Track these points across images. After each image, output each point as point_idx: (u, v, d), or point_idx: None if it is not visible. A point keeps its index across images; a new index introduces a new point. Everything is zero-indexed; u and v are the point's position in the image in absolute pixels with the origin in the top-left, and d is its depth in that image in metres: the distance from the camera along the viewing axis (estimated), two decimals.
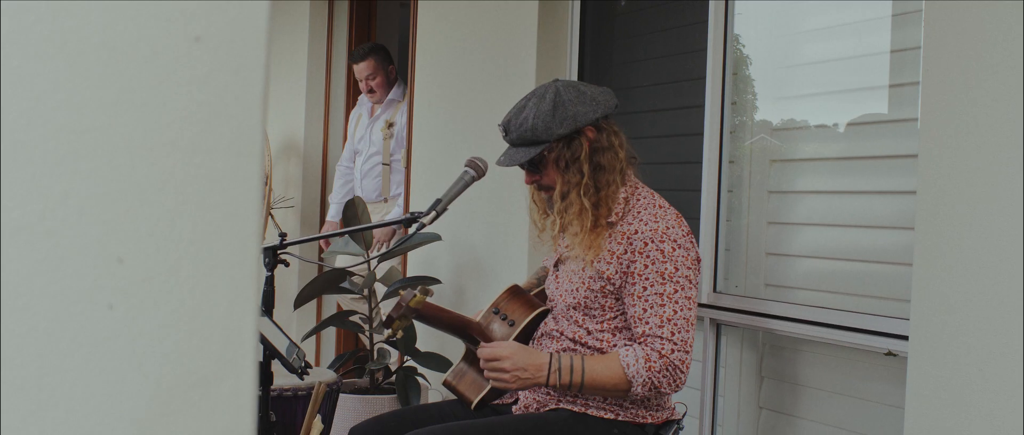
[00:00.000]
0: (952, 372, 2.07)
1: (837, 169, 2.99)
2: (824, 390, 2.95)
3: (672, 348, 2.45)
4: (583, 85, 2.63)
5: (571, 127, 2.55)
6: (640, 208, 2.58)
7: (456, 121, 4.61)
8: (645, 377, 2.44)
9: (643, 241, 2.51)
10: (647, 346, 2.46)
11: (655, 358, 2.44)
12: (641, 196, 2.62)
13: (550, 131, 2.54)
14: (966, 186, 2.05)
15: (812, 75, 3.11)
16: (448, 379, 2.82)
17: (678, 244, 2.51)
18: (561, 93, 2.57)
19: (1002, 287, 1.96)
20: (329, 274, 4.39)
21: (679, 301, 2.48)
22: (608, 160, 2.59)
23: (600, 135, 2.60)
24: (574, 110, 2.54)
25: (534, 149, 2.58)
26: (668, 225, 2.53)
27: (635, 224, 2.54)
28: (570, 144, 2.57)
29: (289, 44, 6.82)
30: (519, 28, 4.09)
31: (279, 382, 3.55)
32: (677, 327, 2.46)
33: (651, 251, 2.49)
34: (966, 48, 2.07)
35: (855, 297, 2.83)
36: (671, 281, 2.48)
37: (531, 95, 2.61)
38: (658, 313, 2.47)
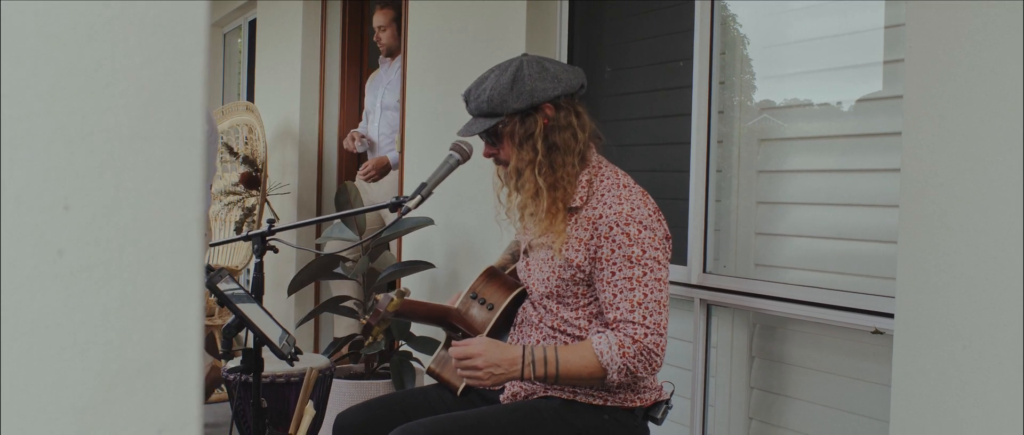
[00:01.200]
0: (937, 349, 2.07)
1: (826, 148, 2.98)
2: (814, 369, 2.95)
3: (644, 332, 2.41)
4: (550, 62, 2.60)
5: (527, 102, 2.52)
6: (603, 190, 2.54)
7: (447, 106, 4.60)
8: (620, 364, 2.42)
9: (608, 225, 2.47)
10: (620, 332, 2.43)
11: (628, 343, 2.41)
12: (605, 177, 2.58)
13: (506, 104, 2.53)
14: (950, 163, 2.05)
15: (802, 53, 3.09)
16: (432, 367, 2.82)
17: (644, 225, 2.46)
18: (523, 68, 2.55)
19: (986, 264, 1.96)
20: (322, 260, 4.39)
21: (648, 284, 2.44)
22: (563, 140, 2.55)
23: (558, 113, 2.56)
24: (532, 85, 2.52)
25: (489, 121, 2.57)
26: (633, 206, 2.48)
27: (599, 208, 2.51)
28: (525, 120, 2.55)
29: (283, 30, 6.81)
30: (509, 11, 4.07)
31: (271, 368, 3.56)
32: (648, 310, 2.43)
33: (617, 235, 2.45)
34: (949, 25, 2.06)
35: (845, 276, 2.83)
36: (639, 264, 2.44)
37: (495, 67, 2.60)
38: (628, 297, 2.44)
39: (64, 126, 0.75)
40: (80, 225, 0.76)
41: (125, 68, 0.76)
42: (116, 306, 0.76)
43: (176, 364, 0.79)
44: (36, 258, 0.74)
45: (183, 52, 0.78)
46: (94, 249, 0.76)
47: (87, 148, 0.75)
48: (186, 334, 0.79)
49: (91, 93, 0.76)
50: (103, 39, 0.76)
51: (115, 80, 0.76)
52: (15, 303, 0.74)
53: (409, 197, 2.67)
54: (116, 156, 0.76)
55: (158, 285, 0.78)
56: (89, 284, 0.76)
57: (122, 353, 0.77)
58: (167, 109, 0.78)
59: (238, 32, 8.72)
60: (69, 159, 0.75)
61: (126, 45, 0.76)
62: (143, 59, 0.77)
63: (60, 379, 0.75)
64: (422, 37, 4.89)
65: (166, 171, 0.78)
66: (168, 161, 0.78)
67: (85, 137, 0.75)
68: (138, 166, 0.77)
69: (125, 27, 0.76)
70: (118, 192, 0.76)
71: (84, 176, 0.75)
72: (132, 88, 0.77)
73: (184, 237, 0.78)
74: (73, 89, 0.75)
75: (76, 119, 0.75)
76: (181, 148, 0.78)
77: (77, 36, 0.75)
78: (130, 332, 0.77)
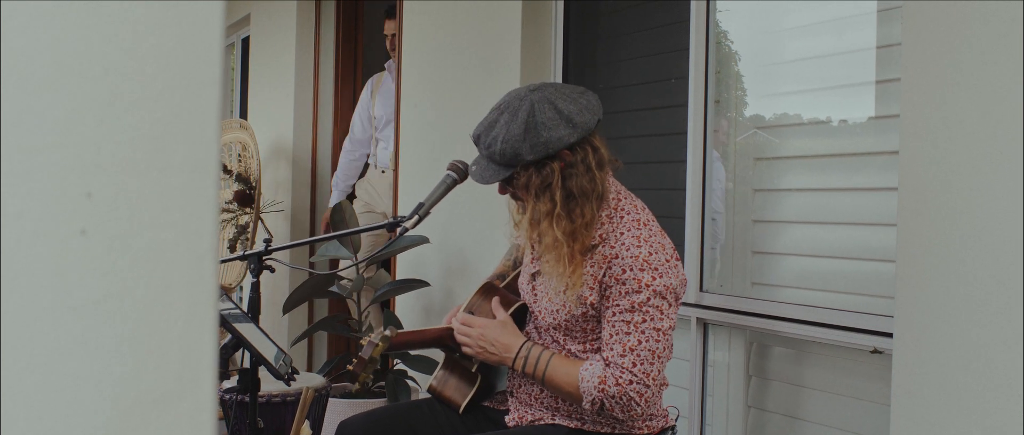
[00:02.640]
0: (936, 369, 2.07)
1: (822, 166, 2.99)
2: (812, 388, 2.95)
3: (630, 379, 2.38)
4: (563, 99, 2.44)
5: (542, 153, 2.40)
6: (623, 229, 2.46)
7: (441, 122, 4.61)
8: (595, 396, 2.40)
9: (621, 267, 2.40)
10: (609, 370, 2.40)
11: (611, 383, 2.38)
12: (624, 212, 2.49)
13: (519, 156, 2.41)
14: (947, 182, 2.05)
15: (797, 72, 3.10)
16: (433, 385, 2.81)
17: (657, 272, 2.40)
18: (535, 113, 2.40)
19: (985, 283, 1.96)
20: (317, 278, 4.39)
21: (646, 332, 2.39)
22: (580, 186, 2.43)
23: (575, 157, 2.43)
24: (547, 135, 2.39)
25: (504, 171, 2.45)
26: (651, 250, 2.41)
27: (617, 247, 2.43)
28: (540, 170, 2.43)
29: (277, 48, 6.82)
30: (503, 28, 4.08)
31: (267, 388, 3.55)
32: (639, 358, 2.38)
33: (627, 278, 2.39)
34: (946, 43, 2.07)
35: (842, 295, 2.83)
36: (640, 311, 2.39)
37: (504, 107, 2.45)
38: (622, 341, 2.40)
39: (79, 157, 0.75)
40: (95, 255, 0.76)
41: (140, 100, 0.76)
42: (131, 337, 0.76)
43: (191, 394, 0.79)
44: (52, 288, 0.74)
45: (197, 84, 0.78)
46: (109, 280, 0.76)
47: (103, 179, 0.75)
48: (201, 364, 0.79)
49: (107, 124, 0.76)
50: (119, 71, 0.76)
51: (130, 111, 0.76)
52: (31, 333, 0.74)
53: (407, 217, 2.66)
54: (131, 187, 0.76)
55: (173, 316, 0.78)
56: (104, 315, 0.76)
57: (137, 384, 0.77)
58: (182, 140, 0.78)
59: (231, 49, 8.73)
60: (84, 190, 0.75)
61: (141, 77, 0.76)
62: (158, 91, 0.77)
63: (76, 410, 0.75)
64: (416, 55, 4.89)
65: (181, 202, 0.78)
66: (183, 192, 0.78)
67: (101, 168, 0.76)
68: (153, 197, 0.77)
69: (140, 59, 0.76)
70: (133, 223, 0.76)
71: (99, 206, 0.75)
72: (147, 120, 0.77)
73: (198, 268, 0.78)
74: (89, 121, 0.75)
75: (91, 150, 0.75)
76: (195, 179, 0.78)
77: (93, 68, 0.75)
78: (145, 363, 0.77)
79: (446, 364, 2.78)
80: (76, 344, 0.75)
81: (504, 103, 2.47)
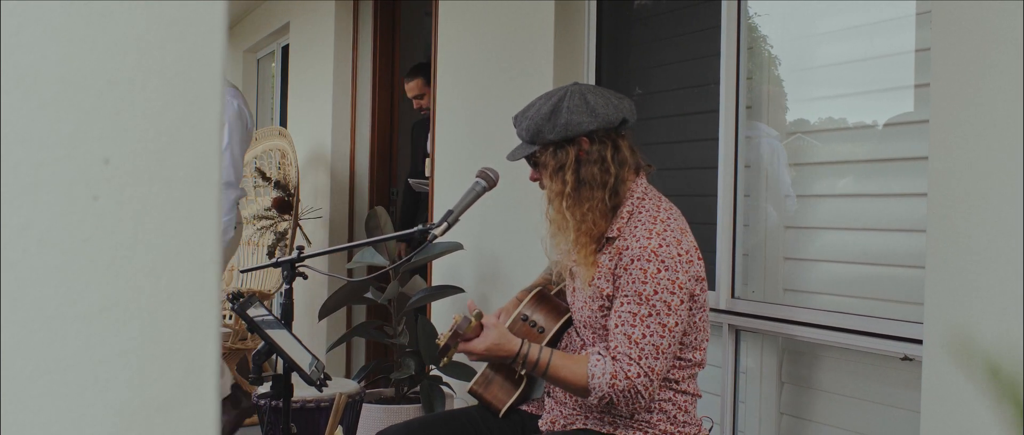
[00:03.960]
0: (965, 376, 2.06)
1: (854, 172, 2.97)
2: (843, 395, 2.93)
3: (638, 373, 2.40)
4: (595, 94, 2.58)
5: (562, 135, 2.53)
6: (638, 222, 2.51)
7: (476, 127, 4.63)
8: (606, 392, 2.41)
9: (630, 258, 2.45)
10: (618, 363, 2.41)
11: (621, 378, 2.40)
12: (644, 209, 2.55)
13: (541, 134, 2.56)
14: (976, 188, 2.04)
15: (832, 76, 3.09)
16: (474, 387, 2.82)
17: (665, 266, 2.42)
18: (565, 99, 2.55)
19: (1014, 289, 1.94)
20: (353, 284, 4.42)
21: (650, 325, 2.41)
22: (592, 174, 2.54)
23: (593, 147, 2.55)
24: (568, 119, 2.52)
25: (530, 148, 2.60)
26: (661, 242, 2.44)
27: (629, 240, 2.49)
28: (557, 152, 2.56)
29: (315, 56, 6.87)
30: (536, 36, 4.10)
31: (301, 394, 3.58)
32: (644, 352, 2.40)
33: (635, 269, 2.43)
34: (975, 48, 2.06)
35: (874, 301, 2.81)
36: (646, 303, 2.41)
37: (546, 94, 2.62)
38: (626, 332, 2.42)
39: (84, 168, 0.77)
40: (100, 264, 0.77)
41: (144, 113, 0.78)
42: (135, 346, 0.78)
43: (194, 402, 0.80)
44: (57, 296, 0.76)
45: (200, 97, 0.80)
46: (113, 288, 0.78)
47: (107, 189, 0.77)
48: (203, 372, 0.80)
49: (111, 136, 0.77)
50: (123, 84, 0.77)
51: (134, 124, 0.78)
52: (36, 341, 0.76)
53: (436, 225, 2.68)
54: (135, 197, 0.78)
55: (176, 324, 0.79)
56: (108, 323, 0.78)
57: (141, 392, 0.78)
58: (185, 152, 0.79)
59: (271, 57, 8.81)
60: (90, 201, 0.77)
61: (145, 90, 0.78)
62: (162, 104, 0.79)
63: (80, 418, 0.76)
64: (450, 62, 4.92)
65: (184, 212, 0.79)
66: (185, 203, 0.79)
67: (105, 178, 0.77)
68: (156, 207, 0.79)
69: (144, 73, 0.78)
70: (137, 233, 0.78)
71: (103, 216, 0.77)
72: (151, 132, 0.78)
73: (201, 277, 0.80)
74: (94, 133, 0.77)
75: (96, 161, 0.77)
76: (198, 190, 0.80)
77: (98, 82, 0.77)
78: (149, 371, 0.79)
79: (491, 365, 2.80)
80: (80, 352, 0.76)
81: (547, 92, 2.65)
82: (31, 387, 0.75)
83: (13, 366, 0.75)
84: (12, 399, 0.75)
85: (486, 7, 4.56)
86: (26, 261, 0.75)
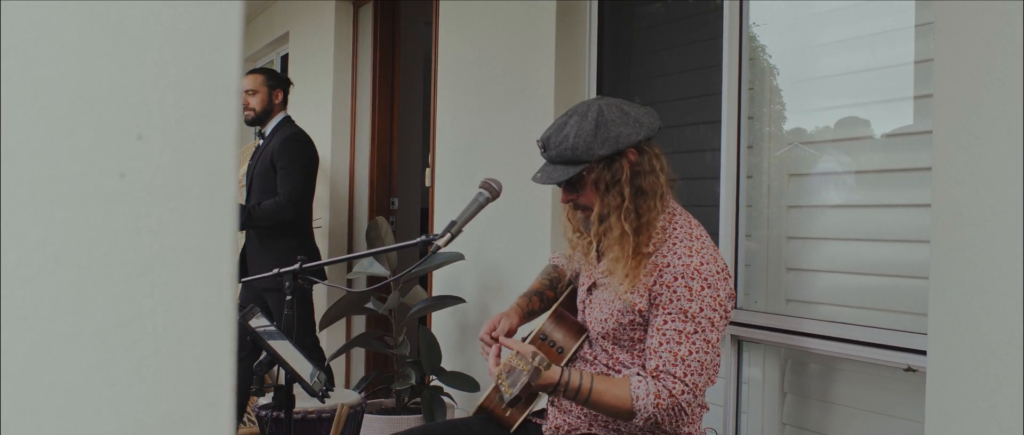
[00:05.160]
0: (970, 387, 2.05)
1: (857, 183, 2.97)
2: (846, 406, 2.93)
3: (683, 389, 2.39)
4: (627, 104, 2.55)
5: (613, 148, 2.47)
6: (676, 239, 2.49)
7: (476, 139, 4.62)
8: (651, 413, 2.40)
9: (673, 275, 2.43)
10: (660, 382, 2.41)
11: (665, 396, 2.39)
12: (678, 225, 2.53)
13: (591, 151, 2.47)
14: (980, 198, 2.04)
15: (832, 87, 3.09)
16: (486, 404, 2.81)
17: (708, 283, 2.42)
18: (604, 112, 2.49)
19: (1018, 300, 1.94)
20: (353, 295, 4.41)
21: (696, 342, 2.40)
22: (649, 184, 2.50)
23: (642, 158, 2.51)
24: (617, 131, 2.47)
25: (573, 168, 2.50)
26: (702, 260, 2.44)
27: (668, 256, 2.46)
28: (611, 165, 2.49)
29: (314, 66, 6.87)
30: (537, 46, 4.10)
31: (302, 405, 3.57)
32: (690, 369, 2.40)
33: (678, 287, 2.42)
34: (978, 58, 2.06)
35: (877, 312, 2.81)
36: (692, 320, 2.40)
37: (573, 112, 2.54)
38: (673, 350, 2.41)
39: (99, 185, 0.76)
40: (115, 280, 0.77)
41: (159, 128, 0.78)
42: (150, 362, 0.78)
43: (209, 419, 0.80)
44: (72, 313, 0.76)
45: (216, 112, 0.80)
46: (128, 305, 0.77)
47: (123, 205, 0.77)
48: (219, 389, 0.80)
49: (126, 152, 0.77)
50: (138, 100, 0.77)
51: (149, 139, 0.78)
52: (51, 357, 0.76)
53: (439, 235, 2.67)
54: (151, 213, 0.78)
55: (191, 341, 0.79)
56: (123, 340, 0.77)
57: (156, 409, 0.78)
58: (200, 168, 0.79)
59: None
60: (104, 217, 0.77)
61: (161, 105, 0.78)
62: (177, 119, 0.78)
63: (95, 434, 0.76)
64: (450, 72, 4.92)
65: (199, 228, 0.79)
66: (201, 218, 0.79)
67: (121, 194, 0.77)
68: (172, 223, 0.78)
69: (160, 88, 0.78)
70: (152, 249, 0.78)
71: (119, 234, 0.77)
72: (167, 147, 0.78)
73: (217, 293, 0.80)
74: (109, 148, 0.77)
75: (111, 177, 0.77)
76: (214, 206, 0.79)
77: (114, 97, 0.76)
78: (164, 387, 0.78)
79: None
80: (95, 369, 0.76)
81: (571, 110, 2.56)
82: (46, 404, 0.75)
83: (28, 382, 0.75)
84: (26, 416, 0.75)
85: (486, 16, 4.56)
86: (41, 277, 0.75)
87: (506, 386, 2.53)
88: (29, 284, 0.74)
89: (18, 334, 0.74)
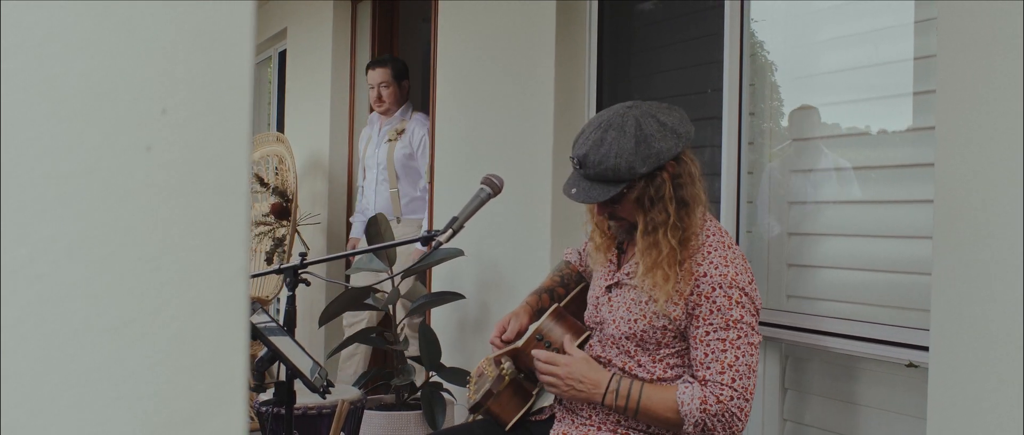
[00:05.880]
0: (973, 383, 2.05)
1: (858, 178, 2.97)
2: (848, 402, 2.93)
3: (731, 394, 2.40)
4: (662, 113, 2.48)
5: (655, 165, 2.43)
6: (710, 248, 2.49)
7: (476, 133, 4.62)
8: (698, 418, 2.40)
9: (711, 285, 2.43)
10: (707, 389, 2.42)
11: (712, 401, 2.40)
12: (710, 233, 2.53)
13: (633, 170, 2.42)
14: (984, 194, 2.04)
15: (832, 83, 3.09)
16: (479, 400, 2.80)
17: (744, 292, 2.44)
18: (643, 126, 2.43)
19: (1021, 295, 1.94)
20: (353, 291, 4.41)
21: (741, 347, 2.42)
22: (691, 195, 2.48)
23: (680, 167, 2.48)
24: (658, 147, 2.42)
25: (614, 188, 2.45)
26: (737, 271, 2.45)
27: (705, 266, 2.46)
28: (652, 181, 2.45)
29: (313, 61, 6.87)
30: (537, 42, 4.10)
31: (303, 401, 3.57)
32: (738, 373, 2.41)
33: (718, 297, 2.42)
34: (982, 54, 2.06)
35: (878, 308, 2.81)
36: (734, 328, 2.42)
37: (608, 125, 2.45)
38: (720, 359, 2.42)
39: (110, 182, 0.76)
40: (128, 276, 0.77)
41: (171, 124, 0.78)
42: (162, 359, 0.78)
43: (222, 414, 0.80)
44: (85, 309, 0.75)
45: (228, 108, 0.79)
46: (140, 302, 0.77)
47: (135, 201, 0.77)
48: (231, 385, 0.80)
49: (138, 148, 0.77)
50: (150, 97, 0.77)
51: (162, 135, 0.78)
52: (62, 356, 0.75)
53: (441, 231, 2.68)
54: (162, 210, 0.78)
55: (204, 336, 0.79)
56: (135, 337, 0.77)
57: (168, 405, 0.78)
58: (212, 164, 0.79)
59: (268, 63, 8.80)
60: (116, 214, 0.76)
61: (173, 101, 0.78)
62: (188, 115, 0.78)
63: (108, 430, 0.76)
64: (449, 68, 4.91)
65: (211, 225, 0.79)
66: (213, 215, 0.79)
67: (133, 191, 0.77)
68: (184, 220, 0.78)
69: (172, 84, 0.78)
70: (164, 246, 0.78)
71: (131, 230, 0.77)
72: (178, 144, 0.78)
73: (229, 290, 0.80)
74: (122, 144, 0.77)
75: (123, 174, 0.77)
76: (226, 202, 0.79)
77: (125, 94, 0.76)
78: (176, 383, 0.78)
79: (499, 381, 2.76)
80: (107, 365, 0.76)
81: (606, 121, 2.47)
82: (58, 401, 0.75)
83: (40, 380, 0.75)
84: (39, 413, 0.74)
85: (486, 13, 4.56)
86: (53, 274, 0.75)
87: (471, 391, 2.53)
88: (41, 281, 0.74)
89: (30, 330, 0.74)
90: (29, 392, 0.74)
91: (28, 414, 0.74)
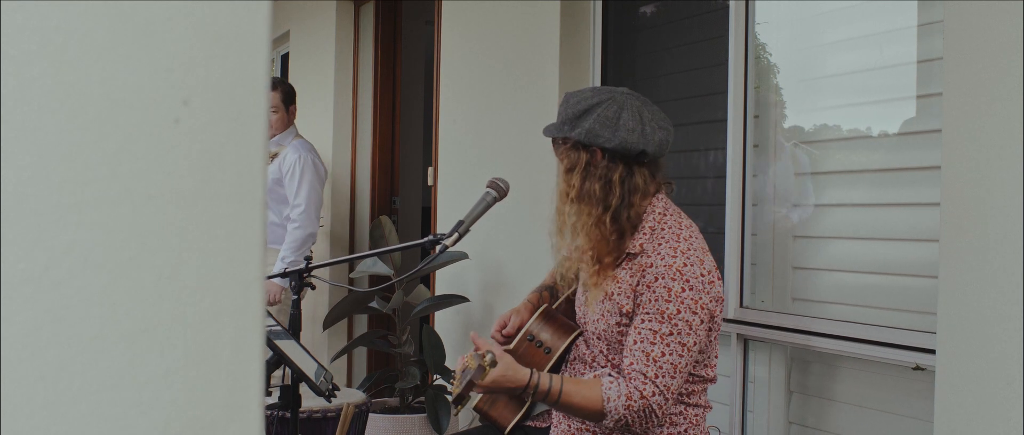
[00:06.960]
0: (980, 386, 2.05)
1: (863, 181, 2.97)
2: (853, 405, 2.93)
3: (653, 391, 2.37)
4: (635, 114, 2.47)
5: (579, 137, 2.46)
6: (661, 239, 2.47)
7: (479, 136, 4.62)
8: (621, 414, 2.38)
9: (654, 275, 2.41)
10: (631, 383, 2.39)
11: (636, 397, 2.37)
12: (667, 225, 2.50)
13: (562, 128, 2.51)
14: (990, 196, 2.03)
15: (837, 86, 3.09)
16: (480, 405, 2.80)
17: (689, 285, 2.39)
18: (604, 105, 2.46)
19: None
20: (357, 295, 4.41)
21: (671, 345, 2.38)
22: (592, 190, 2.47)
23: (602, 162, 2.48)
24: (590, 125, 2.45)
25: (558, 129, 2.53)
26: (686, 262, 2.41)
27: (652, 257, 2.44)
28: (571, 152, 2.51)
29: (315, 65, 6.87)
30: (541, 45, 4.10)
31: (308, 404, 3.57)
32: (661, 371, 2.37)
33: (658, 287, 2.39)
34: (988, 57, 2.06)
35: (883, 311, 2.81)
36: (668, 322, 2.38)
37: (599, 89, 2.55)
38: (645, 350, 2.38)
39: (130, 188, 0.76)
40: (144, 284, 0.77)
41: (189, 130, 0.78)
42: (179, 366, 0.78)
43: (238, 421, 0.80)
44: (101, 317, 0.76)
45: (245, 115, 0.80)
46: (157, 309, 0.77)
47: (152, 208, 0.77)
48: (248, 391, 0.80)
49: (156, 155, 0.77)
50: (168, 103, 0.77)
51: (179, 143, 0.78)
52: (80, 363, 0.75)
53: (446, 235, 2.67)
54: (179, 217, 0.78)
55: (220, 344, 0.79)
56: (152, 344, 0.77)
57: (185, 411, 0.78)
58: (229, 171, 0.79)
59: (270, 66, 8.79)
60: (134, 220, 0.77)
61: (190, 108, 0.78)
62: (206, 122, 0.78)
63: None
64: (453, 71, 4.92)
65: (228, 231, 0.79)
66: (230, 221, 0.79)
67: (150, 197, 0.77)
68: (201, 227, 0.78)
69: (188, 90, 0.78)
70: (182, 252, 0.78)
71: (148, 236, 0.77)
72: (195, 150, 0.78)
73: (245, 296, 0.80)
74: (139, 152, 0.77)
75: (142, 181, 0.77)
76: (243, 209, 0.79)
77: (143, 100, 0.76)
78: (193, 391, 0.78)
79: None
80: (124, 372, 0.76)
81: (602, 88, 2.57)
82: (76, 408, 0.75)
83: (58, 386, 0.75)
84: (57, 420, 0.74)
85: (489, 15, 4.56)
86: (70, 281, 0.75)
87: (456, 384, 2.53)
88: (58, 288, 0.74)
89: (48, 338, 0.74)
90: (47, 399, 0.74)
91: (46, 421, 0.74)
